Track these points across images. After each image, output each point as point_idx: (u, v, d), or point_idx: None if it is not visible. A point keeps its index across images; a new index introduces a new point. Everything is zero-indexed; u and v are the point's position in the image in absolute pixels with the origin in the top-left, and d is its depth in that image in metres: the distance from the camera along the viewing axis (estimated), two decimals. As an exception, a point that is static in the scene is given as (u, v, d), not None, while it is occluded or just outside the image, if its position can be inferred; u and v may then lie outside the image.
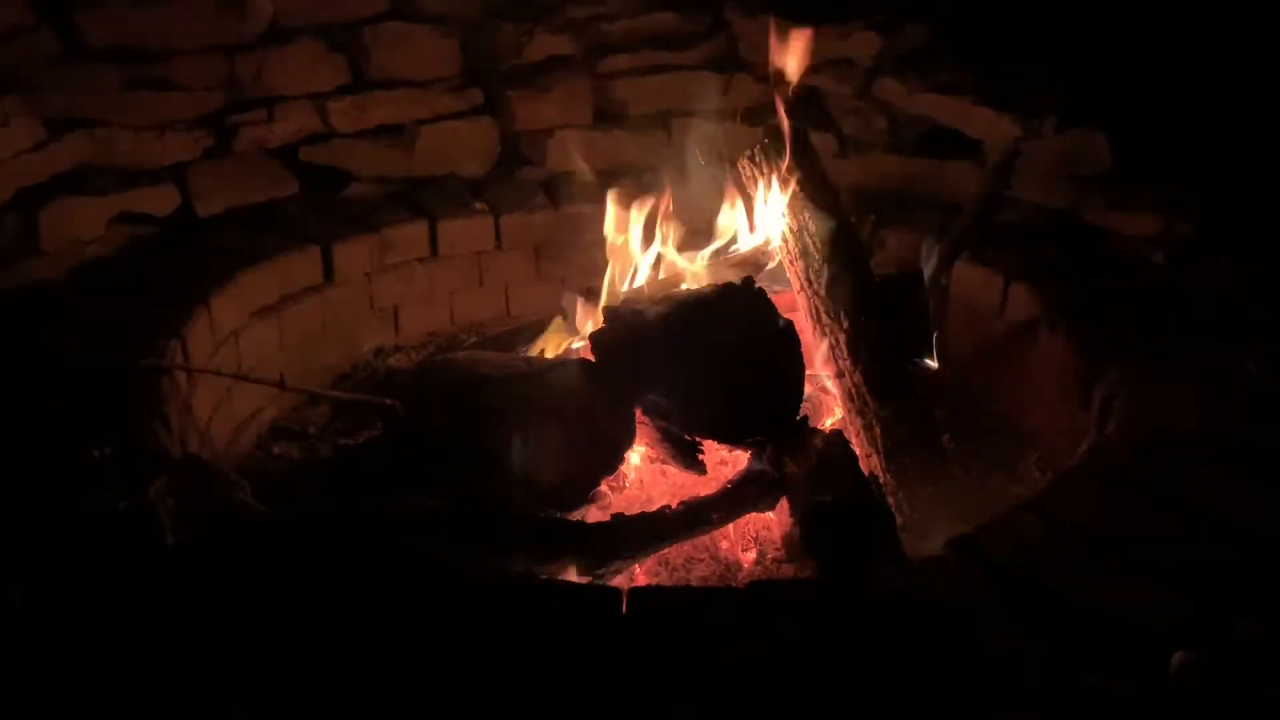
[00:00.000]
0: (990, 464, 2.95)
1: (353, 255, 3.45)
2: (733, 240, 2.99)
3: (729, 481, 2.46)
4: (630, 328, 2.57)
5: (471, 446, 2.43)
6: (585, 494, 2.49)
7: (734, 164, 2.86)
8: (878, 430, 2.59)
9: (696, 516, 2.35)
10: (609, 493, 2.60)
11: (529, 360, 2.75)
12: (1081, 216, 3.29)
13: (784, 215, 2.73)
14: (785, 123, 2.70)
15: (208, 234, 3.36)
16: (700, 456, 2.53)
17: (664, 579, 2.40)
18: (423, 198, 3.70)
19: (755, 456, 2.48)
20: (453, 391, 2.58)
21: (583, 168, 3.61)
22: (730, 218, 2.96)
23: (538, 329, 3.13)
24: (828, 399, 2.84)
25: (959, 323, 3.27)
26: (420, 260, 3.62)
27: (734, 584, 2.39)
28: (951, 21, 3.64)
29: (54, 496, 2.05)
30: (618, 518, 2.31)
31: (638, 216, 2.94)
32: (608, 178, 3.40)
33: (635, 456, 2.67)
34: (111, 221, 3.22)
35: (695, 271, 2.90)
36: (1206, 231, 3.03)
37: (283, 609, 1.77)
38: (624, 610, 1.76)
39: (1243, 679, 1.67)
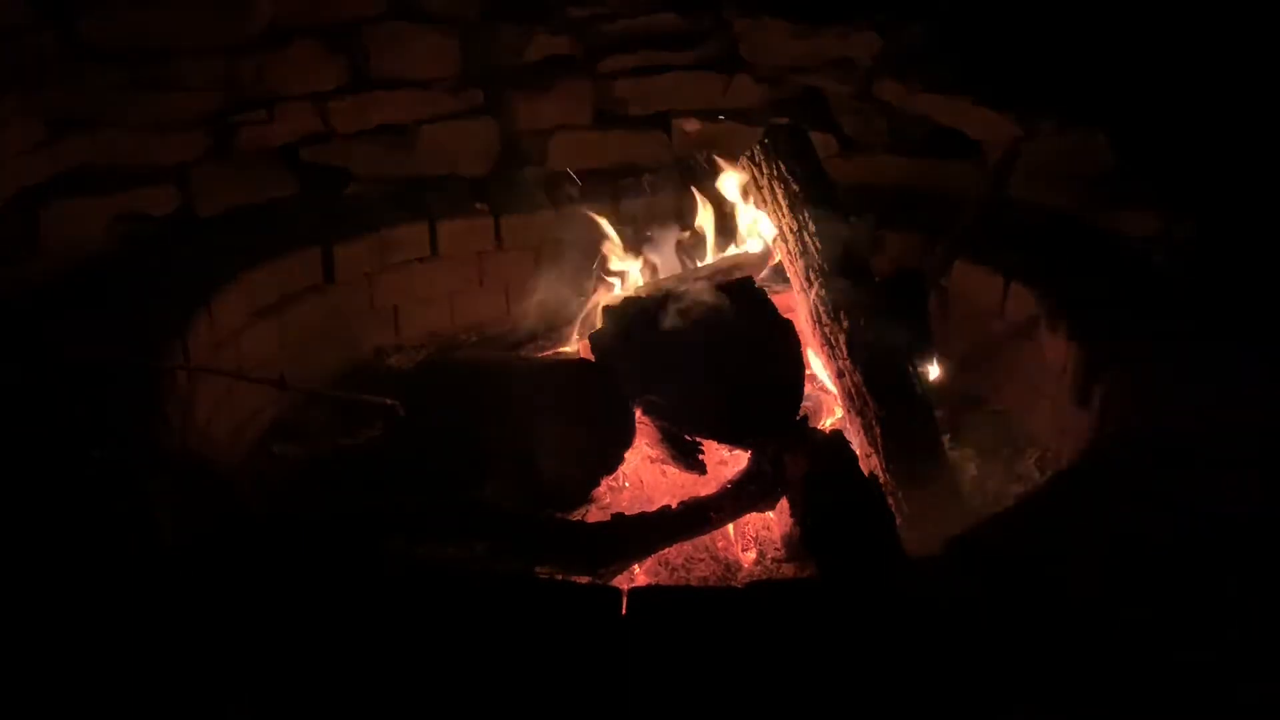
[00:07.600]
0: (990, 464, 2.95)
1: (353, 255, 3.45)
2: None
3: (729, 481, 2.46)
4: (630, 328, 2.58)
5: (472, 447, 2.43)
6: (585, 494, 2.49)
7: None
8: (878, 430, 2.59)
9: (696, 516, 2.35)
10: (609, 493, 2.60)
11: (529, 360, 2.75)
12: (1081, 216, 3.29)
13: (782, 215, 2.74)
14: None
15: (208, 234, 3.36)
16: (700, 456, 2.53)
17: (664, 579, 2.40)
18: (423, 198, 3.70)
19: (755, 456, 2.48)
20: (453, 392, 2.59)
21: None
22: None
23: (538, 329, 3.13)
24: (828, 399, 2.84)
25: (959, 323, 3.27)
26: (420, 260, 3.62)
27: (734, 584, 2.39)
28: (951, 21, 3.64)
29: (54, 496, 2.05)
30: (618, 518, 2.31)
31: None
32: (608, 178, 3.41)
33: (635, 456, 2.67)
34: (111, 221, 3.22)
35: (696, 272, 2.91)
36: (1206, 231, 3.03)
37: (282, 609, 1.77)
38: (624, 610, 1.76)
39: (1242, 678, 1.67)
